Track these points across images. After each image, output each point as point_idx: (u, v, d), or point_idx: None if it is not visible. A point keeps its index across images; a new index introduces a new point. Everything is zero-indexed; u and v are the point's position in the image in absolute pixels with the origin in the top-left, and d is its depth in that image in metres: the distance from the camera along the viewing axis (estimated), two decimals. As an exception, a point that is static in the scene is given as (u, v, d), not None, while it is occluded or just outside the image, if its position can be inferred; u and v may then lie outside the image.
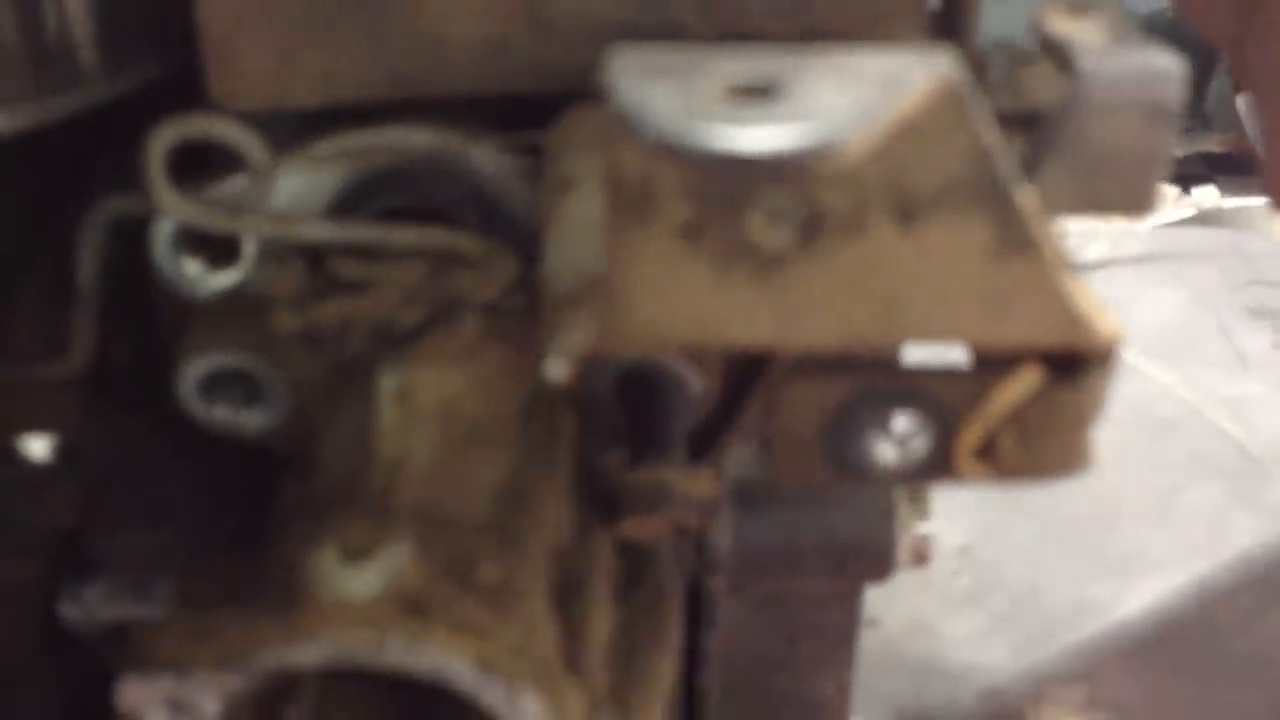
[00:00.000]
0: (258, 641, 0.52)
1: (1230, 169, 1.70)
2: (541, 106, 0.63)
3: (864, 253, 0.49)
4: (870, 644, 0.87)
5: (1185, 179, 1.76)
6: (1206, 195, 1.75)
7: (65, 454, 0.67)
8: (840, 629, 0.82)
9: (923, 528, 0.77)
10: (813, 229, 0.48)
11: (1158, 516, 1.19)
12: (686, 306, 0.50)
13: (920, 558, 0.77)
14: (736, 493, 0.74)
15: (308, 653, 0.52)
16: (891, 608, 1.10)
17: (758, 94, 0.44)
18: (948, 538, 1.10)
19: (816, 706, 0.85)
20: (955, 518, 1.11)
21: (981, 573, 1.14)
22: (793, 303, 0.50)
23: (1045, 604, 1.12)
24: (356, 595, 0.53)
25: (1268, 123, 0.64)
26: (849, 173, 0.46)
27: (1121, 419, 1.27)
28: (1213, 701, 1.14)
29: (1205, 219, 1.62)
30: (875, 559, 0.77)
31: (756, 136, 0.42)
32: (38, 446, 0.67)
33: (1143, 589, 1.13)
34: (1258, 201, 1.67)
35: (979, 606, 1.13)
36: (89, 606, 0.64)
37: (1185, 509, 1.19)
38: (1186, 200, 1.73)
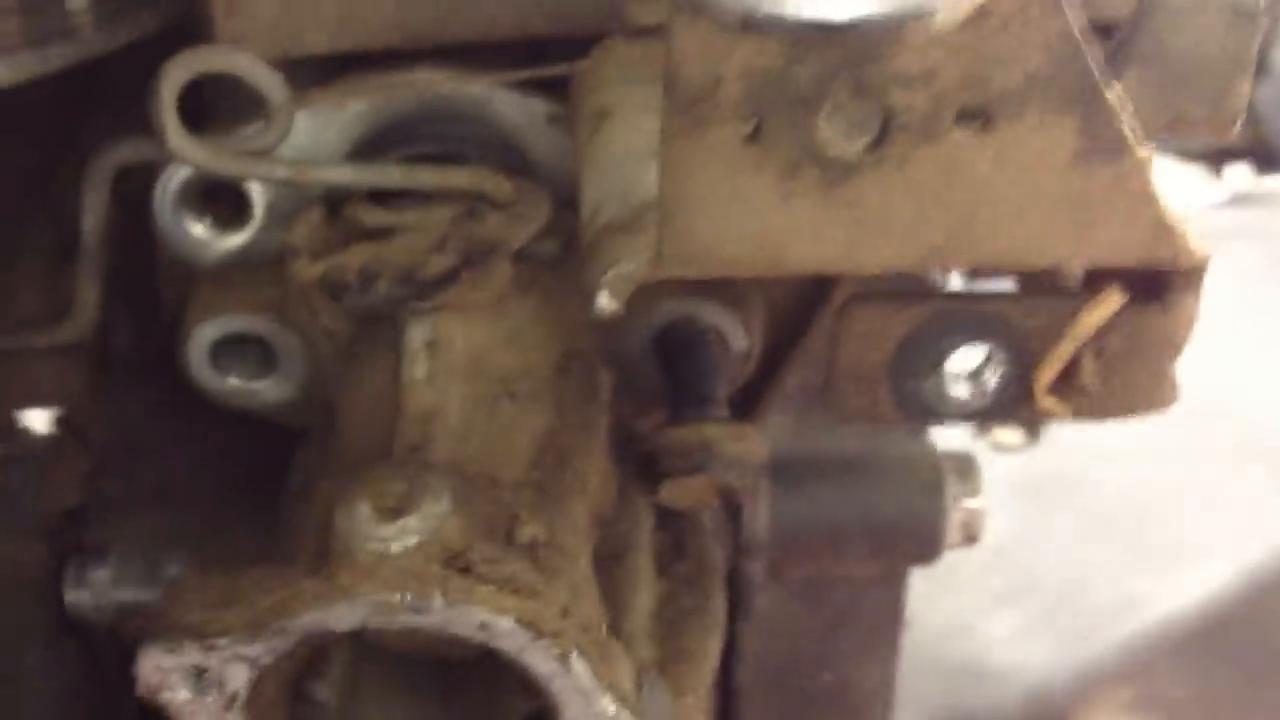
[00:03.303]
0: (293, 603, 0.48)
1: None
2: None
3: (940, 160, 0.45)
4: (905, 647, 0.82)
5: (1216, 157, 1.70)
6: (1239, 176, 1.71)
7: (68, 429, 0.63)
8: (884, 617, 0.78)
9: (972, 503, 0.72)
10: (885, 135, 0.44)
11: (1200, 506, 1.15)
12: (748, 225, 0.46)
13: (970, 536, 0.72)
14: (773, 469, 0.70)
15: (347, 613, 0.48)
16: (926, 609, 1.05)
17: None
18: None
19: (858, 702, 0.80)
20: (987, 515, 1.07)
21: (1017, 571, 1.10)
22: (862, 219, 0.46)
23: (1086, 601, 1.08)
24: (395, 552, 0.48)
25: None
26: (928, 66, 0.43)
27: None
28: (1266, 697, 1.09)
29: (1240, 200, 1.59)
30: (923, 537, 0.73)
31: (840, 4, 0.38)
32: (39, 420, 0.63)
33: (1187, 582, 1.09)
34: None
35: (1016, 606, 1.09)
36: (97, 590, 0.59)
37: (1228, 497, 1.16)
38: (1218, 183, 1.69)
